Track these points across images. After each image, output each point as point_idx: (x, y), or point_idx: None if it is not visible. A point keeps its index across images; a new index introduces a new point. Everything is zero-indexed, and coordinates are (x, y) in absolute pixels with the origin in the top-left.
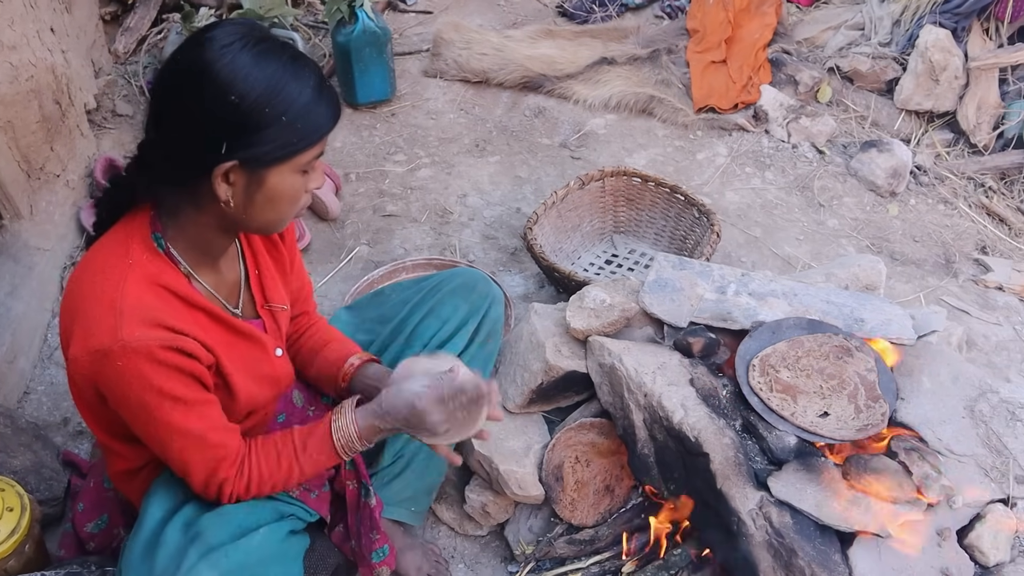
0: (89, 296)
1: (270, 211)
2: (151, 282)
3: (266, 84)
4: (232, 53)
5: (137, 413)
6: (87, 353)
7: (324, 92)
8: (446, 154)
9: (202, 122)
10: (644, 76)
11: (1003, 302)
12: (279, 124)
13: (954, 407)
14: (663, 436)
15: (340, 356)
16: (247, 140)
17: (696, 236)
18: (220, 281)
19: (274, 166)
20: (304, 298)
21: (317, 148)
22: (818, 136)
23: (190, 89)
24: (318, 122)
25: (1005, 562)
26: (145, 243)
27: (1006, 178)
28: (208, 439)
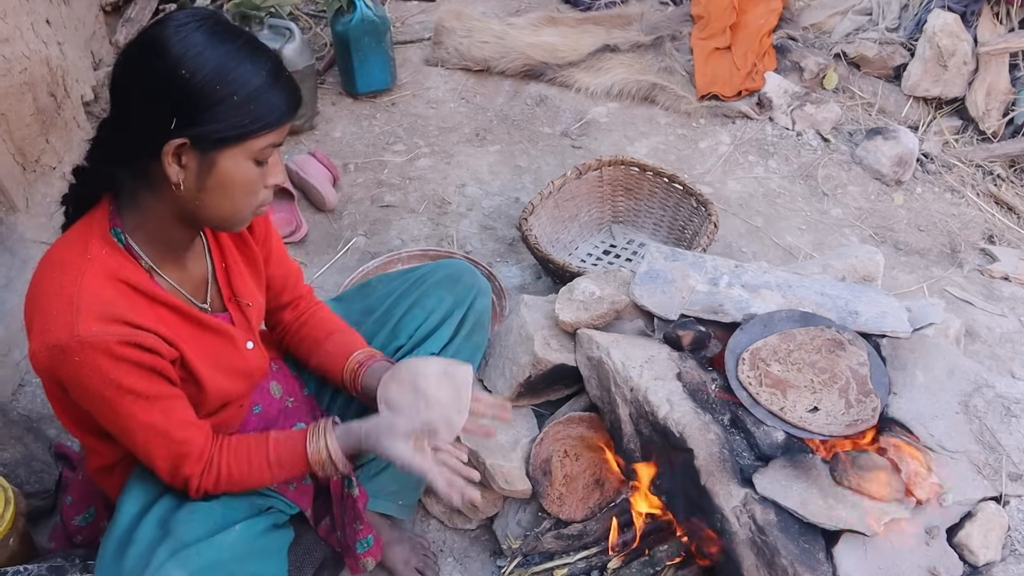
0: (47, 291)
1: (223, 199)
2: (110, 277)
3: (218, 62)
4: (187, 31)
5: (100, 407)
6: (45, 348)
7: (280, 80)
8: (446, 144)
9: (153, 97)
10: (647, 63)
11: (1009, 293)
12: (230, 103)
13: (948, 402)
14: (649, 431)
15: (343, 351)
16: (196, 117)
17: (694, 226)
18: (185, 276)
19: (225, 148)
20: (293, 284)
21: (271, 135)
22: (823, 123)
23: (143, 64)
24: (271, 107)
25: (995, 561)
26: (104, 238)
27: (1015, 165)
28: (171, 434)
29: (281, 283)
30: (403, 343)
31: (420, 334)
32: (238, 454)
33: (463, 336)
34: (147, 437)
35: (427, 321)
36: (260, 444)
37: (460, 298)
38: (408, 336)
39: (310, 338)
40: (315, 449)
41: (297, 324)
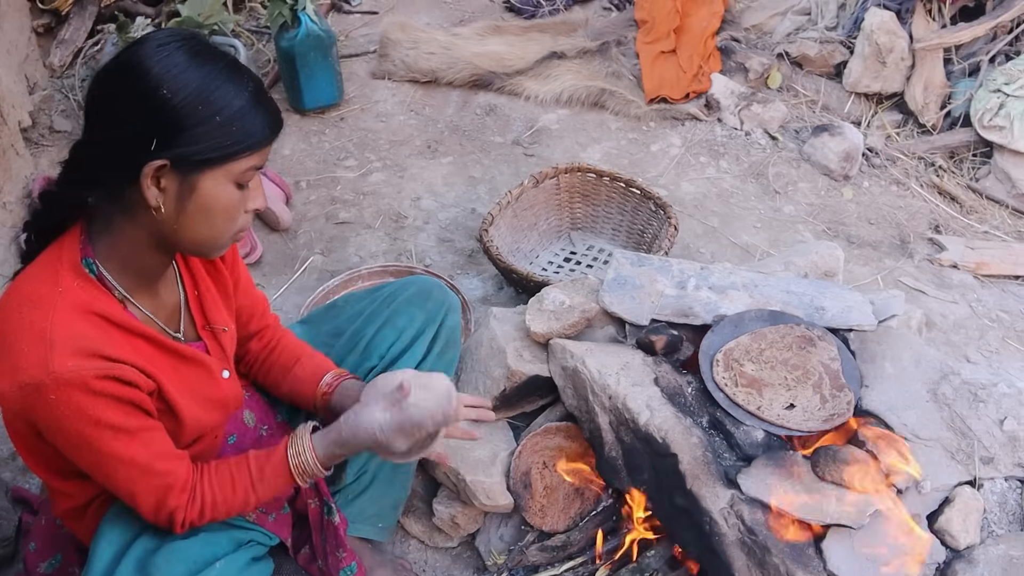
0: (16, 328)
1: (203, 223)
2: (84, 310)
3: (199, 83)
4: (168, 51)
5: (77, 446)
6: (17, 388)
7: (262, 101)
8: (398, 157)
9: (132, 117)
10: (594, 69)
11: (958, 280)
12: (211, 124)
13: (917, 391)
14: (630, 438)
15: (313, 375)
16: (177, 138)
17: (653, 229)
18: (159, 305)
19: (206, 170)
20: (260, 313)
21: (253, 158)
22: (770, 122)
23: (122, 84)
24: (253, 129)
25: (975, 544)
26: (75, 269)
27: (955, 156)
28: (154, 467)
29: (249, 312)
30: (375, 364)
31: (392, 353)
32: (221, 479)
33: (436, 354)
34: (128, 473)
35: (399, 340)
36: (241, 465)
37: (431, 315)
38: (380, 356)
39: (278, 366)
40: (295, 452)
41: (264, 353)
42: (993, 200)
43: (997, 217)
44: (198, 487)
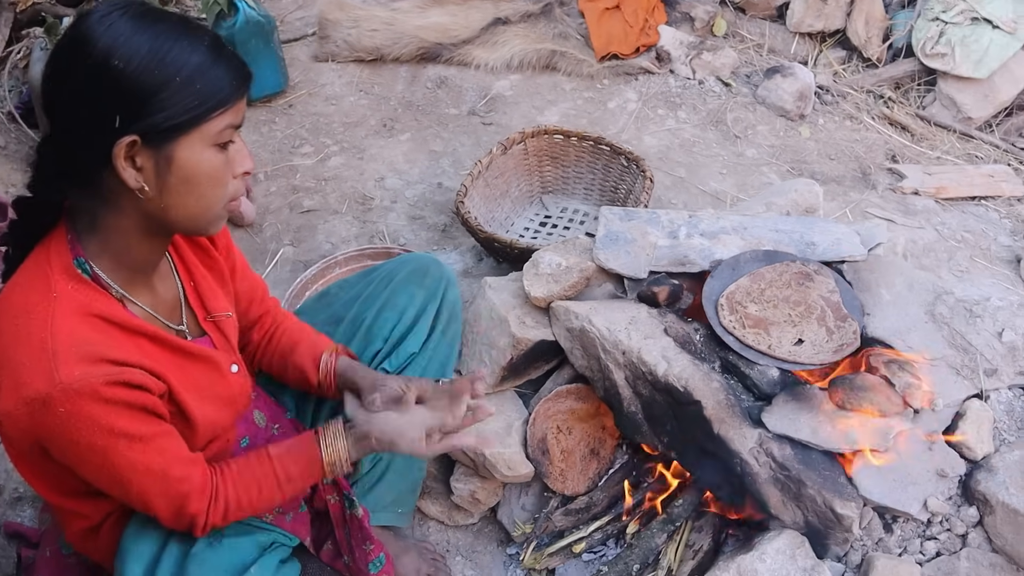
0: (13, 342)
1: (191, 197)
2: (83, 313)
3: (150, 45)
4: (111, 20)
5: (89, 459)
6: (22, 404)
7: (222, 54)
8: (354, 139)
9: (89, 98)
10: (541, 32)
11: (921, 206)
12: (172, 86)
13: (915, 314)
14: (648, 391)
15: (311, 360)
16: (139, 109)
17: (627, 184)
18: (158, 300)
19: (179, 137)
20: (260, 298)
21: (226, 116)
22: (722, 69)
23: (72, 66)
24: (218, 83)
25: (991, 453)
26: (67, 271)
27: (901, 87)
28: (170, 474)
29: (248, 297)
30: (379, 347)
31: (396, 335)
32: (244, 479)
33: (440, 331)
34: (144, 482)
35: (401, 321)
36: (264, 464)
37: (431, 291)
38: (384, 339)
39: (279, 353)
40: (333, 450)
41: (264, 341)
42: (941, 126)
43: (947, 142)
44: (220, 489)
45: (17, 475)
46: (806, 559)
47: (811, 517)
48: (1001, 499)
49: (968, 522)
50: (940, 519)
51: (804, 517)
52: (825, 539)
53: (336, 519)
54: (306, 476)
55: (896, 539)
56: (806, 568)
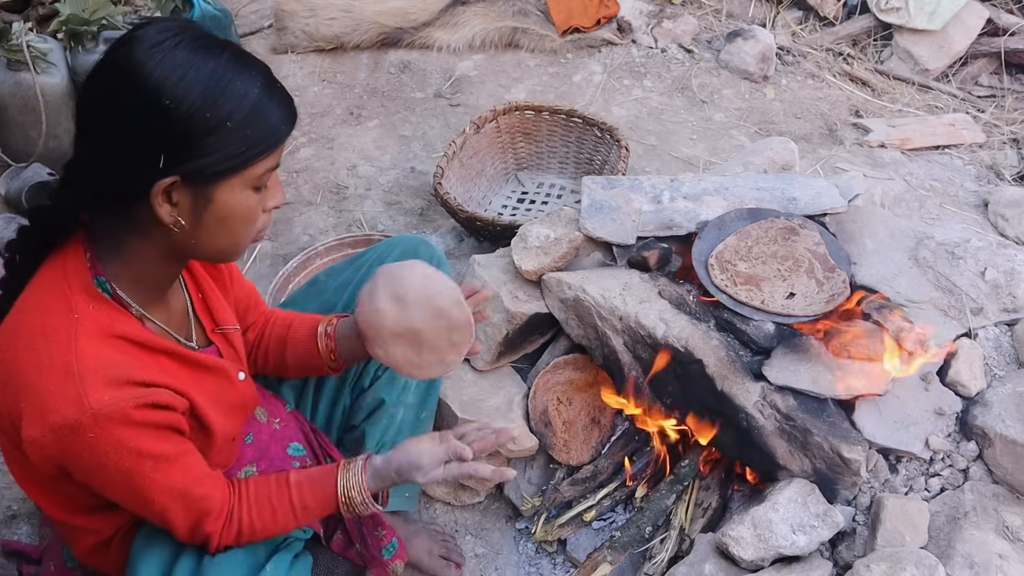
0: (34, 366)
1: (223, 234)
2: (106, 334)
3: (205, 85)
4: (164, 51)
5: (114, 481)
6: (50, 431)
7: (274, 94)
8: (321, 129)
9: (133, 134)
10: (500, 10)
11: (889, 158)
12: (223, 131)
13: (900, 260)
14: (649, 354)
15: (308, 334)
16: (187, 152)
17: (602, 155)
18: (170, 315)
19: (222, 181)
20: (255, 304)
21: (271, 159)
22: (683, 36)
23: (117, 96)
24: (269, 128)
25: (984, 389)
26: (88, 291)
27: (858, 43)
28: (191, 493)
29: (245, 303)
30: None
31: None
32: (260, 504)
33: None
34: (166, 501)
35: None
36: (281, 489)
37: None
38: None
39: (275, 339)
40: (348, 487)
41: (258, 339)
42: (900, 79)
43: (906, 95)
44: (236, 512)
45: (9, 493)
46: (818, 505)
47: (819, 464)
48: (999, 431)
49: (968, 457)
50: (942, 456)
51: (812, 465)
52: (834, 484)
53: None
54: (323, 507)
55: (902, 478)
56: (818, 513)
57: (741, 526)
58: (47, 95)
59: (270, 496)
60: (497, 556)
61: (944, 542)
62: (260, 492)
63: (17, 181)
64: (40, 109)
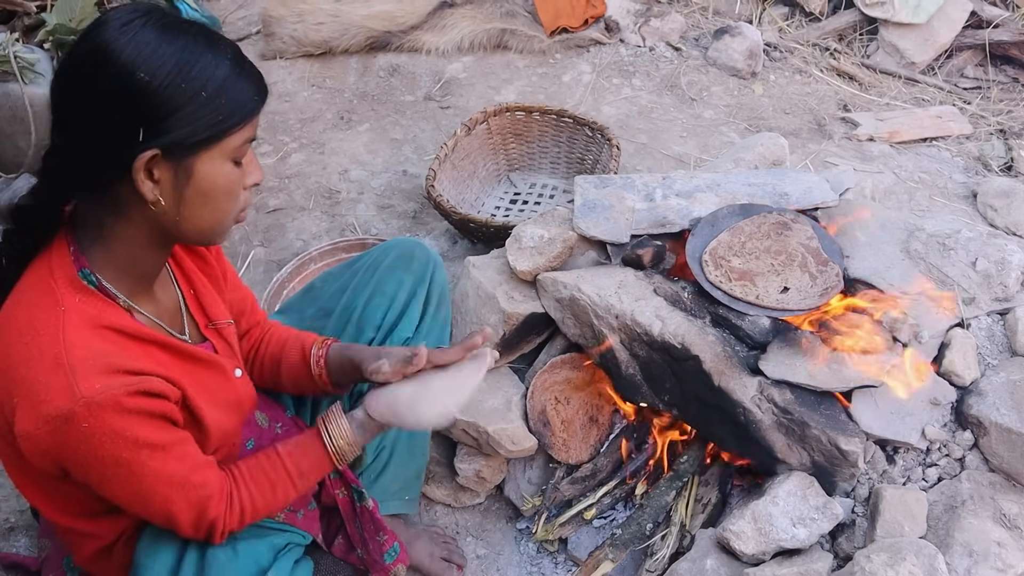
0: (24, 360)
1: (205, 209)
2: (93, 325)
3: (177, 58)
4: (134, 30)
5: (113, 474)
6: (43, 423)
7: (244, 67)
8: (312, 134)
9: (111, 110)
10: (488, 12)
11: (878, 151)
12: (198, 100)
13: (892, 252)
14: (645, 352)
15: (301, 357)
16: (165, 123)
17: (594, 154)
18: (161, 309)
19: (201, 152)
20: (251, 309)
21: (246, 130)
22: (671, 34)
23: (93, 76)
24: (242, 97)
25: (978, 378)
26: (73, 283)
27: (844, 38)
28: (190, 480)
29: (239, 307)
30: (372, 336)
31: (388, 322)
32: (257, 481)
33: (431, 314)
34: (166, 492)
35: (392, 307)
36: (274, 462)
37: (419, 275)
38: (375, 328)
39: (270, 358)
40: (335, 436)
41: (253, 353)
42: (886, 73)
43: (893, 88)
44: (235, 493)
45: (7, 505)
46: (817, 498)
47: (817, 457)
48: (994, 420)
49: (964, 446)
50: (938, 446)
51: (811, 458)
52: (833, 476)
53: (346, 513)
54: (318, 468)
55: (899, 469)
56: (818, 506)
57: (741, 520)
58: (35, 105)
59: (265, 471)
60: (498, 557)
61: (943, 531)
62: (253, 469)
63: (7, 192)
64: (29, 120)
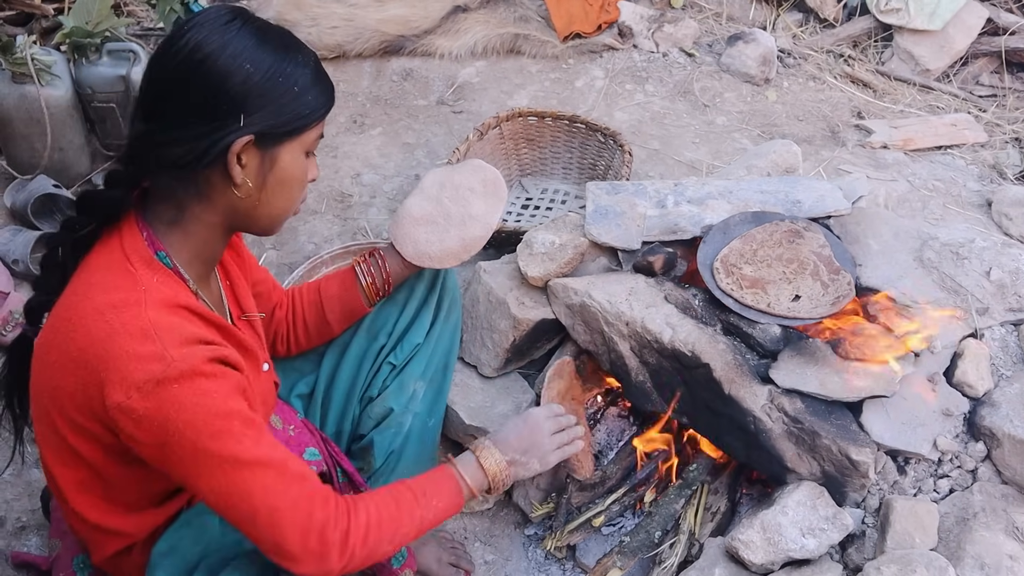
0: (109, 336)
1: (281, 197)
2: (171, 304)
3: (275, 56)
4: (235, 28)
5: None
6: (136, 391)
7: (322, 70)
8: (326, 137)
9: (217, 98)
10: (502, 16)
11: (892, 159)
12: (291, 94)
13: (904, 261)
14: (656, 359)
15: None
16: (262, 111)
17: (606, 160)
18: (212, 296)
19: (286, 141)
20: (273, 286)
21: (320, 127)
22: (684, 40)
23: (199, 69)
24: (324, 95)
25: (991, 389)
26: (150, 265)
27: (859, 45)
28: (289, 467)
29: (265, 287)
30: (384, 342)
31: (400, 328)
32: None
33: (442, 318)
34: (266, 480)
35: (403, 313)
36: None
37: (430, 281)
38: (388, 334)
39: (311, 308)
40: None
41: (292, 315)
42: (901, 80)
43: (907, 95)
44: (360, 503)
45: (19, 505)
46: (827, 508)
47: (827, 467)
48: (1007, 431)
49: (977, 457)
50: (950, 457)
51: (821, 467)
52: (843, 487)
53: None
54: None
55: (910, 480)
56: (828, 516)
57: (750, 530)
58: (52, 107)
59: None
60: (507, 563)
61: (954, 543)
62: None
63: (23, 193)
64: (45, 121)
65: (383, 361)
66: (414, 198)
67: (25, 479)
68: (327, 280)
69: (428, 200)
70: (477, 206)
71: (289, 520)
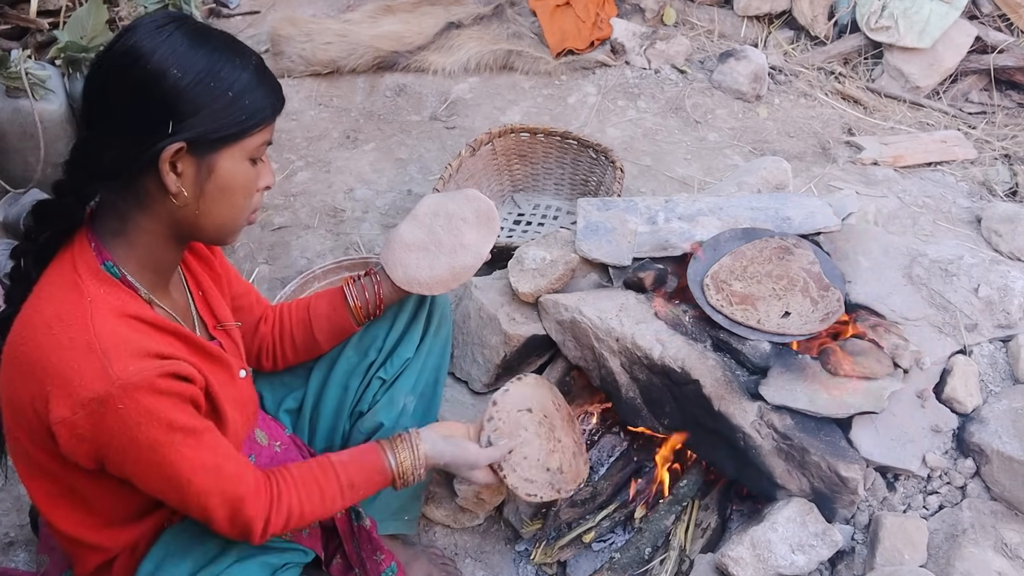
0: (55, 350)
1: (223, 205)
2: (119, 314)
3: (208, 60)
4: (168, 32)
5: (148, 460)
6: (79, 407)
7: (266, 74)
8: (318, 152)
9: (144, 104)
10: (495, 33)
11: (882, 175)
12: (225, 100)
13: (894, 278)
14: (646, 375)
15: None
16: (193, 118)
17: (597, 176)
18: (175, 306)
19: (223, 148)
20: (256, 300)
21: (264, 132)
22: (676, 57)
23: (127, 72)
24: (263, 101)
25: (980, 405)
26: (96, 275)
27: (849, 62)
28: (224, 471)
29: (246, 300)
30: (374, 358)
31: (389, 343)
32: (307, 486)
33: (432, 333)
34: (201, 482)
35: (393, 328)
36: (326, 470)
37: (420, 296)
38: (378, 350)
39: (299, 326)
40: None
41: (279, 331)
42: (891, 97)
43: (898, 112)
44: (283, 495)
45: (7, 520)
46: (816, 524)
47: (817, 483)
48: (996, 448)
49: (966, 474)
50: (939, 473)
51: (810, 484)
52: (832, 503)
53: (344, 532)
54: (367, 485)
55: (900, 496)
56: (817, 533)
57: (740, 546)
58: (45, 122)
59: (316, 477)
60: None
61: (943, 560)
62: (304, 475)
63: (16, 207)
64: (39, 135)
65: (373, 376)
66: (407, 224)
67: (13, 494)
68: (316, 298)
69: (421, 227)
70: (469, 236)
71: (218, 513)
